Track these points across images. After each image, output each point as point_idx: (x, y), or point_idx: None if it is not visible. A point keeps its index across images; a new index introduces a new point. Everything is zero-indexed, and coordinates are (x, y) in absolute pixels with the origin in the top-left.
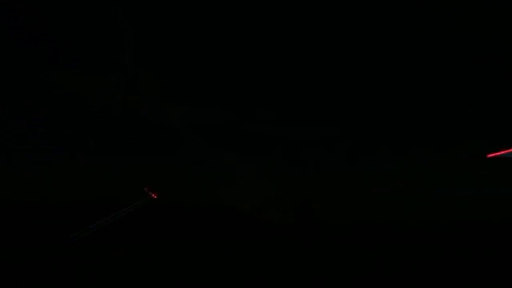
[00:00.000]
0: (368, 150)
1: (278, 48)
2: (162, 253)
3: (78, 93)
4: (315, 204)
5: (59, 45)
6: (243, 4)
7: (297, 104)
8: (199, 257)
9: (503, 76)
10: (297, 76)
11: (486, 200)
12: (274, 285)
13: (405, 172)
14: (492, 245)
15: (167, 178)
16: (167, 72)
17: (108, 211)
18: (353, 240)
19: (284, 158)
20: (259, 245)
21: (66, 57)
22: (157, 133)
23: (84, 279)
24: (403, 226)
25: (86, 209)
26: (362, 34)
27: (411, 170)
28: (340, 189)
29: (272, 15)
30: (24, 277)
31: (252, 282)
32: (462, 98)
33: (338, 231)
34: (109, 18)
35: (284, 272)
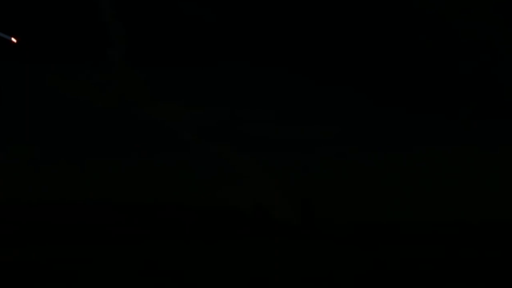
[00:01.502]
0: (368, 150)
1: (278, 49)
2: (162, 253)
3: (73, 93)
4: (315, 203)
5: (54, 44)
6: (242, 4)
7: (297, 104)
8: (199, 257)
9: (503, 78)
10: (298, 76)
11: (486, 200)
12: (274, 285)
13: (406, 172)
14: (492, 245)
15: (166, 178)
16: (166, 72)
17: (108, 211)
18: (353, 240)
19: (284, 158)
20: (260, 245)
21: (62, 57)
22: (156, 133)
23: (84, 279)
24: (403, 226)
25: (86, 209)
26: (361, 35)
27: (411, 170)
28: (341, 189)
29: (272, 14)
30: (24, 277)
31: (252, 282)
32: (462, 98)
33: (339, 231)
34: (103, 19)
35: (284, 272)
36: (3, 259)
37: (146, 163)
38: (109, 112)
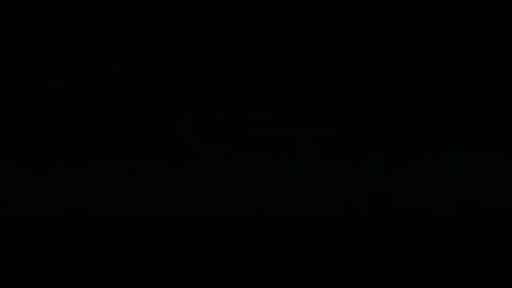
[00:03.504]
0: (368, 150)
1: (278, 49)
2: (162, 253)
3: (71, 94)
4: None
5: (54, 44)
6: (242, 4)
7: (297, 104)
8: (199, 257)
9: (503, 78)
10: (298, 76)
11: (485, 200)
12: (274, 285)
13: (406, 172)
14: (492, 245)
15: (166, 179)
16: (166, 72)
17: (108, 212)
18: (353, 240)
19: (284, 158)
20: (259, 245)
21: (61, 57)
22: (156, 133)
23: (84, 279)
24: (403, 226)
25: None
26: (361, 34)
27: (411, 170)
28: (341, 189)
29: (273, 14)
30: (24, 277)
31: (252, 282)
32: (463, 99)
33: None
34: (103, 19)
35: (284, 272)
36: (3, 259)
37: (145, 163)
38: (109, 112)
